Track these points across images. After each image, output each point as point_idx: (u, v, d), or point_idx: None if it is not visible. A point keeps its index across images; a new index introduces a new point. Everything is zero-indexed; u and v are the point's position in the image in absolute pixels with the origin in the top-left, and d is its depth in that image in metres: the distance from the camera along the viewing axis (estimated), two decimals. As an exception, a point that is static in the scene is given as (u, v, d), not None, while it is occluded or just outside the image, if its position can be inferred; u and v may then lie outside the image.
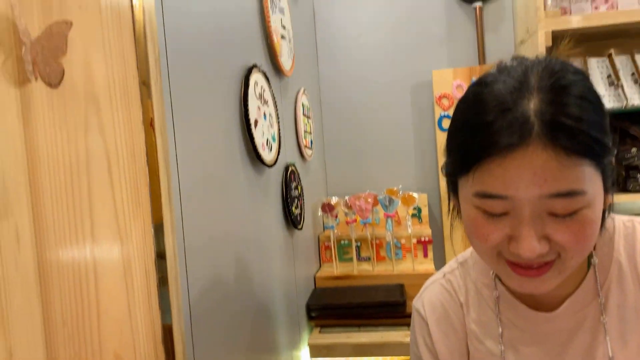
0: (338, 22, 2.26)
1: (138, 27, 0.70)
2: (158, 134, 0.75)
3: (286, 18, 1.66)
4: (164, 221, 0.77)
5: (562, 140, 0.52)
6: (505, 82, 0.57)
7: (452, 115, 0.64)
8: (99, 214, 0.59)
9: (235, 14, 1.24)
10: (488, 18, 2.17)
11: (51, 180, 0.52)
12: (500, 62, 0.66)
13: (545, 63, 0.58)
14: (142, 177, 0.68)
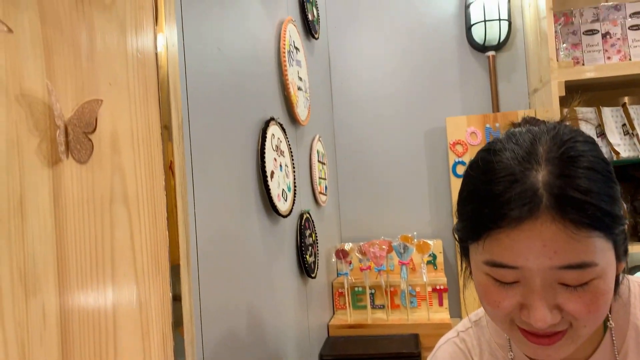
0: (353, 69, 2.31)
1: (162, 74, 0.73)
2: (177, 176, 0.76)
3: (303, 70, 1.70)
4: (180, 265, 0.77)
5: (571, 213, 0.52)
6: (514, 152, 0.57)
7: (462, 179, 0.65)
8: (119, 266, 0.61)
9: (253, 67, 1.28)
10: (501, 66, 2.20)
11: (77, 251, 0.53)
12: (510, 128, 0.67)
13: (554, 132, 0.59)
14: (161, 221, 0.69)
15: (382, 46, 2.30)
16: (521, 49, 2.19)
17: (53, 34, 0.52)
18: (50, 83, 0.50)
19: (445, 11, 2.25)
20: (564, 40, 2.05)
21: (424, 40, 2.26)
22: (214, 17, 1.05)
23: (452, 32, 2.24)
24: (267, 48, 1.41)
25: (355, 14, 2.32)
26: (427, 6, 2.26)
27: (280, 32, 1.52)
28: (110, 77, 0.61)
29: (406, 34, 2.28)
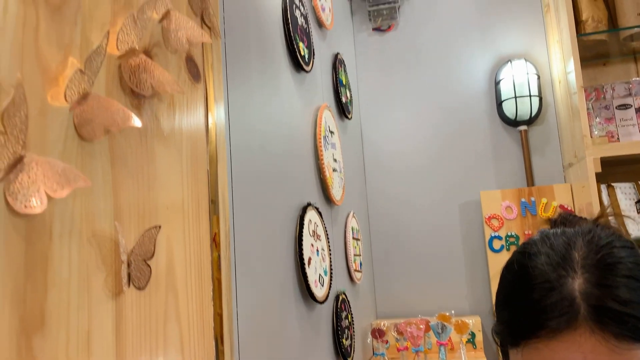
0: (385, 144, 2.36)
1: (211, 153, 0.77)
2: (222, 249, 0.78)
3: (337, 152, 1.76)
4: (224, 344, 0.78)
5: (611, 326, 0.51)
6: (549, 256, 0.57)
7: (500, 279, 0.64)
8: None
9: (291, 151, 1.33)
10: (534, 140, 2.21)
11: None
12: (545, 228, 0.67)
13: (589, 236, 0.58)
14: (206, 294, 0.71)
15: (413, 121, 2.35)
16: (553, 123, 2.20)
17: (120, 172, 0.57)
18: (118, 224, 0.54)
19: (476, 87, 2.30)
20: (597, 115, 2.06)
21: (455, 115, 2.31)
22: (255, 102, 1.11)
23: (482, 107, 2.28)
24: (304, 133, 1.47)
25: (387, 91, 2.39)
26: (457, 83, 2.32)
27: (317, 118, 1.59)
28: (168, 201, 0.65)
29: (437, 109, 2.33)
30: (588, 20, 1.95)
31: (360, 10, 2.48)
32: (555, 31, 2.10)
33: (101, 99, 0.53)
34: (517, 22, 2.29)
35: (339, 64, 1.96)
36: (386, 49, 2.43)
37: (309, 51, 1.54)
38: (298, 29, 1.45)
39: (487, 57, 2.30)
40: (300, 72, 1.49)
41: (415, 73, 2.38)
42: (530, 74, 2.16)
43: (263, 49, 1.22)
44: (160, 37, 0.68)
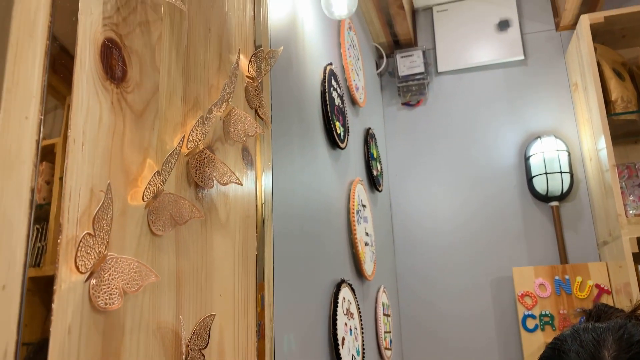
0: (414, 217, 2.37)
1: (259, 237, 0.78)
2: (267, 336, 0.78)
3: (369, 225, 1.77)
4: None
5: None
6: (578, 354, 0.56)
7: None
8: None
9: (325, 225, 1.35)
10: (566, 216, 2.19)
11: None
12: (579, 316, 0.66)
13: (620, 332, 0.57)
14: None
15: (443, 194, 2.37)
16: (585, 199, 2.19)
17: (183, 264, 0.60)
18: (182, 317, 0.56)
19: (505, 162, 2.32)
20: (630, 193, 2.05)
21: (485, 189, 2.32)
22: (296, 183, 1.15)
23: (513, 182, 2.29)
24: (338, 207, 1.50)
25: (416, 164, 2.43)
26: (487, 157, 2.35)
27: (350, 193, 1.62)
28: (221, 289, 0.67)
29: (467, 183, 2.35)
30: (617, 100, 1.99)
31: (389, 85, 2.58)
32: (584, 109, 2.13)
33: (171, 195, 0.57)
34: (545, 99, 2.34)
35: (370, 138, 2.01)
36: (415, 123, 2.49)
37: (344, 129, 1.60)
38: (335, 109, 1.52)
39: (516, 133, 2.34)
40: (335, 149, 1.54)
41: (444, 147, 2.42)
42: (561, 150, 2.18)
43: (304, 128, 1.28)
44: (221, 132, 0.73)
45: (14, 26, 0.40)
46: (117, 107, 0.51)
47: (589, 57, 2.00)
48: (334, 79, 1.55)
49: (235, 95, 0.79)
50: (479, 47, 2.49)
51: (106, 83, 0.50)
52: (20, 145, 0.40)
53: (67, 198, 0.43)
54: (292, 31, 1.25)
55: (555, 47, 2.39)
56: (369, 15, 2.25)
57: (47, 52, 0.43)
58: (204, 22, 0.72)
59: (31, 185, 0.40)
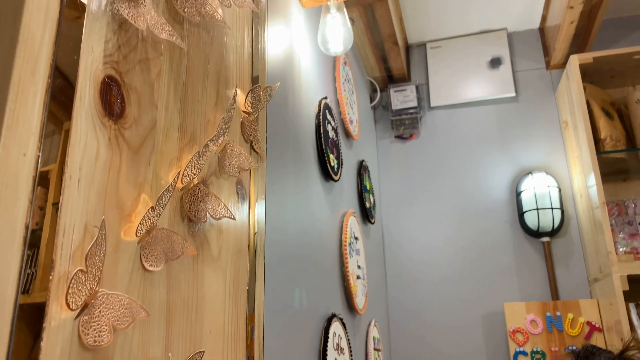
0: (406, 250, 2.37)
1: (250, 271, 0.78)
2: None
3: (361, 258, 1.77)
4: None
5: None
6: None
7: None
8: None
9: (317, 257, 1.35)
10: (557, 252, 2.20)
11: None
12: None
13: None
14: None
15: (435, 228, 2.37)
16: (576, 236, 2.20)
17: (174, 299, 0.59)
18: (171, 355, 0.55)
19: (497, 197, 2.34)
20: (620, 230, 2.07)
21: (477, 223, 2.33)
22: (289, 215, 1.15)
23: (504, 217, 2.31)
24: (331, 240, 1.50)
25: (408, 197, 2.44)
26: (479, 192, 2.37)
27: (343, 225, 1.62)
28: (211, 324, 0.67)
29: (458, 217, 2.36)
30: (607, 138, 2.02)
31: (383, 119, 2.61)
32: (574, 147, 2.17)
33: (164, 231, 0.57)
34: (536, 136, 2.38)
35: (363, 170, 2.03)
36: (408, 156, 2.52)
37: (338, 162, 1.61)
38: (329, 142, 1.53)
39: (507, 168, 2.37)
40: (329, 181, 1.55)
41: (437, 180, 2.44)
42: (551, 186, 2.20)
43: (298, 161, 1.29)
44: (216, 166, 0.73)
45: (17, 64, 0.41)
46: (114, 144, 0.52)
47: (579, 96, 2.05)
48: (328, 112, 1.57)
49: (231, 129, 0.80)
50: (471, 83, 2.53)
51: (104, 119, 0.51)
52: (17, 182, 0.40)
53: (61, 234, 0.44)
54: (288, 66, 1.28)
55: (546, 85, 2.45)
56: (364, 51, 2.29)
57: (47, 90, 0.44)
58: (203, 59, 0.73)
59: (26, 221, 0.40)
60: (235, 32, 0.87)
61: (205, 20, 0.73)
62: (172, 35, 0.61)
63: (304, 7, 1.46)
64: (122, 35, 0.55)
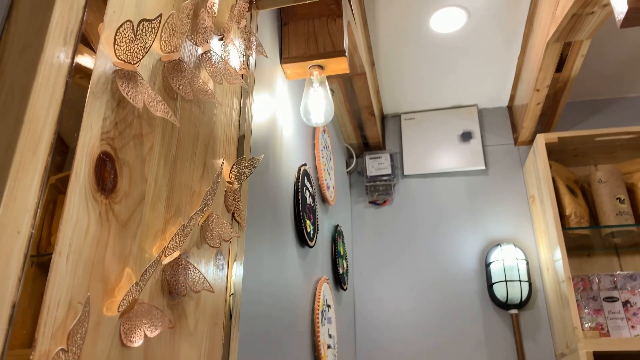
0: (377, 316, 2.35)
1: (224, 347, 0.76)
2: None
3: (332, 327, 1.75)
4: None
5: None
6: None
7: None
8: None
9: (290, 329, 1.33)
10: (525, 325, 2.22)
11: None
12: None
13: None
14: None
15: (405, 296, 2.37)
16: (543, 309, 2.24)
17: (148, 376, 0.58)
18: None
19: (467, 266, 2.37)
20: (586, 305, 2.11)
21: (447, 292, 2.34)
22: (265, 284, 1.14)
23: (474, 287, 2.33)
24: (303, 307, 1.48)
25: (380, 264, 2.46)
26: (450, 260, 2.40)
27: (316, 292, 1.62)
28: (183, 402, 0.65)
29: (429, 285, 2.37)
30: (571, 215, 2.11)
31: (358, 184, 2.66)
32: (541, 221, 2.24)
33: (145, 305, 0.57)
34: (505, 208, 2.45)
35: (338, 235, 2.05)
36: (381, 222, 2.55)
37: (314, 227, 1.63)
38: (307, 208, 1.56)
39: (477, 238, 2.42)
40: (304, 247, 1.56)
41: (408, 248, 2.47)
42: (520, 259, 2.25)
43: (276, 227, 1.30)
44: (198, 237, 0.74)
45: (20, 144, 0.43)
46: (104, 218, 0.53)
47: (545, 173, 2.15)
48: (307, 178, 1.60)
49: (215, 199, 0.81)
50: (443, 154, 2.63)
51: (97, 195, 0.52)
52: (9, 260, 0.40)
53: (45, 312, 0.43)
54: (271, 134, 1.31)
55: (514, 160, 2.56)
56: (342, 119, 2.37)
57: (47, 168, 0.45)
58: (193, 133, 0.76)
59: (13, 300, 0.40)
60: (225, 105, 0.90)
61: (198, 96, 0.76)
62: (167, 113, 0.63)
63: (288, 79, 1.53)
64: (119, 113, 0.57)
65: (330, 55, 1.44)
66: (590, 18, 1.68)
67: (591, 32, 1.78)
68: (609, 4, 1.57)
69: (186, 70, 0.72)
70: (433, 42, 2.21)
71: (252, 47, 1.05)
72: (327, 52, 1.44)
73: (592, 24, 1.71)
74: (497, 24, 2.11)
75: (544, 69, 2.02)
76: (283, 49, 1.49)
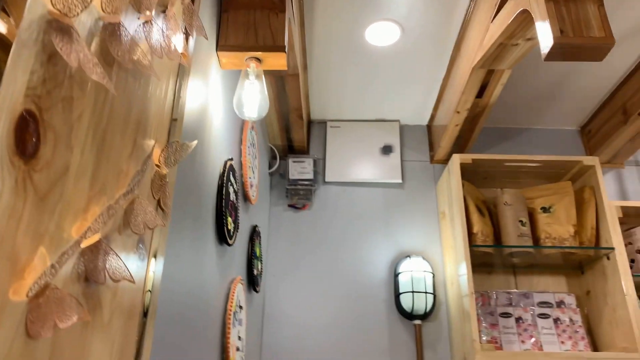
0: (285, 321, 2.32)
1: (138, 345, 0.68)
2: None
3: (243, 329, 1.70)
4: None
5: None
6: None
7: None
8: None
9: (201, 328, 1.26)
10: (427, 336, 2.30)
11: None
12: None
13: None
14: None
15: (316, 301, 2.37)
16: (445, 321, 2.33)
17: (54, 373, 0.51)
18: None
19: (378, 276, 2.42)
20: (484, 320, 2.23)
21: (357, 300, 2.37)
22: (184, 271, 1.07)
23: (383, 296, 2.38)
24: (216, 306, 1.42)
25: (295, 267, 2.44)
26: (361, 269, 2.44)
27: (230, 292, 1.56)
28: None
29: (340, 292, 2.39)
30: (478, 233, 2.22)
31: (279, 185, 2.63)
32: (449, 237, 2.35)
33: (58, 291, 0.50)
34: (417, 222, 2.54)
35: (255, 236, 2.00)
36: (298, 226, 2.54)
37: (235, 225, 1.57)
38: (229, 205, 1.50)
39: (389, 249, 2.48)
40: (223, 244, 1.49)
41: (322, 254, 2.47)
42: (427, 272, 2.34)
43: (198, 221, 1.23)
44: (121, 222, 0.67)
45: None
46: (20, 187, 0.45)
47: (457, 191, 2.25)
48: (232, 174, 1.54)
49: (141, 183, 0.74)
50: (364, 165, 2.68)
51: (15, 158, 0.44)
52: None
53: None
54: (201, 123, 1.25)
55: (428, 177, 2.66)
56: (269, 118, 2.33)
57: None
58: (126, 106, 0.69)
59: None
60: (161, 84, 0.83)
61: (136, 67, 0.69)
62: (103, 78, 0.57)
63: (223, 68, 1.46)
64: (49, 69, 0.50)
65: (270, 49, 1.40)
66: (514, 49, 1.79)
67: (513, 62, 1.90)
68: (532, 39, 1.68)
69: (126, 36, 0.65)
70: (366, 53, 2.25)
71: (194, 27, 0.98)
72: (267, 45, 1.40)
73: (514, 55, 1.83)
74: (427, 44, 2.19)
75: (467, 92, 2.12)
76: (220, 36, 1.42)
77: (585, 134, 2.74)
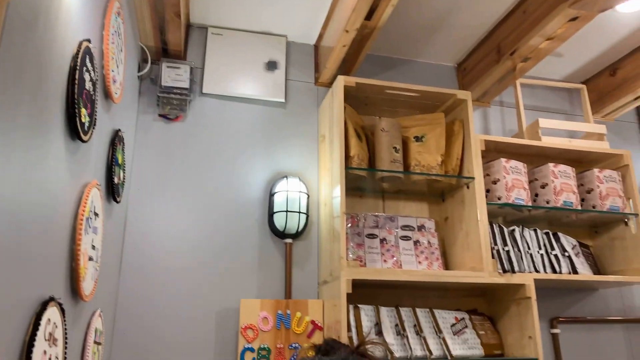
0: (149, 235, 2.18)
1: None
2: None
3: (98, 238, 1.53)
4: None
5: None
6: None
7: None
8: None
9: (41, 230, 1.09)
10: (297, 254, 2.32)
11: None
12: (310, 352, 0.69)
13: None
14: None
15: (184, 218, 2.25)
16: (315, 240, 2.37)
17: None
18: None
19: (252, 195, 2.36)
20: (351, 239, 2.30)
21: (229, 219, 2.30)
22: (14, 169, 0.89)
23: (255, 216, 2.33)
24: (64, 209, 1.24)
25: (162, 181, 2.27)
26: (235, 187, 2.35)
27: (83, 196, 1.38)
28: None
29: (210, 209, 2.29)
30: (355, 157, 2.24)
31: (149, 92, 2.39)
32: (327, 160, 2.34)
33: None
34: (297, 143, 2.49)
35: (118, 141, 1.79)
36: (169, 138, 2.35)
37: (91, 120, 1.37)
38: (84, 94, 1.28)
39: (267, 168, 2.41)
40: (75, 140, 1.29)
41: (194, 169, 2.33)
42: (302, 192, 2.33)
43: (39, 105, 1.03)
44: None
45: None
46: None
47: (339, 113, 2.23)
48: (89, 59, 1.32)
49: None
50: (246, 79, 2.53)
51: None
52: None
53: None
54: (47, -17, 1.01)
55: (311, 99, 2.60)
56: (140, 12, 2.06)
57: None
58: None
59: None
60: None
61: None
62: None
63: None
64: None
65: None
66: (410, -34, 1.73)
67: (406, -18, 1.85)
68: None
69: None
70: (257, -48, 2.05)
71: None
72: None
73: (409, -27, 1.78)
74: (323, -48, 2.05)
75: (357, 10, 2.05)
76: None
77: (461, 71, 2.86)
